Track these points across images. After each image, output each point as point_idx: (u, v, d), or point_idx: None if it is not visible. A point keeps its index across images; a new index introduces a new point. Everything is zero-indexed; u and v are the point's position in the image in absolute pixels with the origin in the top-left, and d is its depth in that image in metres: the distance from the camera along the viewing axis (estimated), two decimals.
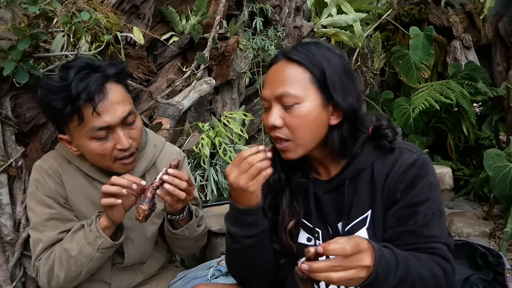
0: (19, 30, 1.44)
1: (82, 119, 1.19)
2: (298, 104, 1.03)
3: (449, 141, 3.91)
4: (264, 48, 2.71)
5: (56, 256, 1.26)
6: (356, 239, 0.88)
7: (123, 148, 1.25)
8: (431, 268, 0.99)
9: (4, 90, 1.58)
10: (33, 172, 1.33)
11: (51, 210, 1.30)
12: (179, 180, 1.19)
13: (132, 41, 2.24)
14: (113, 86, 1.24)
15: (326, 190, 1.14)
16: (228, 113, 2.49)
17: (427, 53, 3.69)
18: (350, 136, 1.08)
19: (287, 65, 1.05)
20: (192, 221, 1.37)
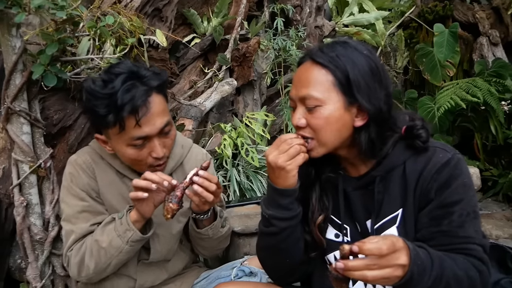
0: (47, 35, 1.48)
1: (123, 128, 1.22)
2: (320, 107, 1.04)
3: (476, 140, 3.81)
4: (285, 49, 2.71)
5: (87, 247, 1.30)
6: (392, 238, 0.88)
7: (157, 157, 1.29)
8: (467, 269, 0.98)
9: (34, 93, 1.63)
10: (68, 166, 1.38)
11: (84, 203, 1.34)
12: (209, 182, 1.21)
13: (155, 44, 2.28)
14: (155, 97, 1.26)
15: (355, 187, 1.14)
16: (250, 114, 2.50)
17: (452, 50, 3.61)
18: (378, 137, 1.07)
19: (312, 66, 1.07)
20: (216, 222, 1.39)
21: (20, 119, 1.58)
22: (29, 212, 1.63)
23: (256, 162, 2.26)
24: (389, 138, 1.09)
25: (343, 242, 1.17)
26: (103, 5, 2.08)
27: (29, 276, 1.60)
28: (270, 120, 2.64)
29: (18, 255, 1.78)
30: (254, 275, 1.46)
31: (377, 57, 1.11)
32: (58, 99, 1.98)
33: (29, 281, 1.61)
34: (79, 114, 2.04)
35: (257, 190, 2.20)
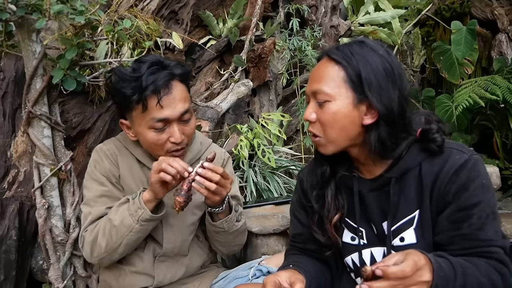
0: (66, 39, 1.50)
1: (146, 108, 1.31)
2: (329, 102, 1.06)
3: (495, 139, 3.74)
4: (301, 49, 2.70)
5: (100, 226, 1.36)
6: (413, 256, 0.88)
7: (175, 142, 1.35)
8: (489, 274, 0.97)
9: (54, 97, 1.66)
10: (93, 154, 1.48)
11: (103, 188, 1.42)
12: (212, 173, 1.25)
13: (171, 46, 2.29)
14: (177, 84, 1.36)
15: (371, 189, 1.14)
16: (266, 115, 2.50)
17: (470, 48, 3.55)
18: (389, 137, 1.06)
19: (326, 63, 1.09)
20: (231, 215, 1.42)
21: (41, 123, 1.61)
22: (51, 214, 1.66)
23: (273, 162, 2.26)
24: (403, 140, 1.08)
25: (359, 244, 1.17)
26: (120, 9, 2.10)
27: (51, 277, 1.63)
28: (286, 121, 2.64)
29: (40, 256, 1.82)
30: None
31: (394, 58, 1.10)
32: (77, 102, 2.01)
33: (51, 282, 1.63)
34: (97, 117, 2.07)
35: (274, 191, 2.20)
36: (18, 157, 1.87)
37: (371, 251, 1.16)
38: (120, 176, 1.44)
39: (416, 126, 1.10)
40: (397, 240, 1.10)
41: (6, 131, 1.92)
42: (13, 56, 1.88)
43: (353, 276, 1.23)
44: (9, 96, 1.93)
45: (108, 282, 1.50)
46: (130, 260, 1.45)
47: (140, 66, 1.34)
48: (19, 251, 1.75)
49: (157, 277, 1.45)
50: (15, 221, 1.74)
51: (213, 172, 1.25)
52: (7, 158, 1.91)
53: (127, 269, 1.45)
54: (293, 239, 1.33)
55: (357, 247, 1.17)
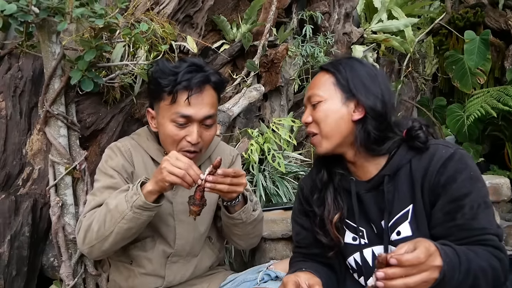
0: (85, 41, 1.54)
1: (175, 101, 1.37)
2: (321, 102, 1.20)
3: (506, 149, 3.72)
4: (313, 55, 2.71)
5: (97, 211, 1.36)
6: (424, 243, 0.90)
7: (191, 142, 1.38)
8: (489, 260, 1.01)
9: (71, 97, 1.69)
10: (107, 150, 1.51)
11: (111, 180, 1.42)
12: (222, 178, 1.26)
13: (185, 50, 2.32)
14: (210, 89, 1.41)
15: (367, 189, 1.22)
16: (277, 120, 2.52)
17: (483, 58, 3.54)
18: (374, 130, 1.16)
19: (320, 74, 1.26)
20: (247, 205, 1.43)
21: (57, 122, 1.64)
22: (64, 212, 1.68)
23: (283, 167, 2.27)
24: (390, 138, 1.19)
25: (360, 244, 1.22)
26: (136, 12, 2.13)
27: (62, 274, 1.65)
28: (296, 126, 2.65)
29: (51, 253, 1.84)
30: (280, 279, 1.47)
31: (380, 71, 1.30)
32: (91, 102, 2.04)
33: (62, 279, 1.66)
34: (111, 118, 2.10)
35: (283, 196, 2.21)
36: (33, 155, 1.90)
37: (372, 250, 1.21)
38: (134, 173, 1.46)
39: (404, 128, 1.20)
40: (394, 235, 1.16)
41: (22, 129, 1.95)
42: (31, 56, 1.92)
43: (356, 277, 1.27)
44: (26, 94, 1.97)
45: (117, 283, 1.52)
46: (139, 262, 1.46)
47: (181, 64, 1.41)
48: (31, 248, 1.78)
49: (167, 278, 1.47)
50: (29, 218, 1.77)
51: (223, 177, 1.26)
52: (22, 155, 1.94)
53: (137, 271, 1.46)
54: (297, 246, 1.38)
55: (359, 247, 1.22)
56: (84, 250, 1.40)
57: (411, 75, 3.73)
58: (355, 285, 1.25)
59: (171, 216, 1.46)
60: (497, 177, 2.62)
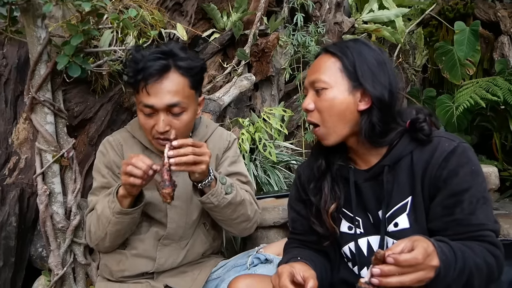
0: (72, 25, 1.50)
1: (137, 91, 1.36)
2: (326, 89, 1.13)
3: (494, 140, 3.75)
4: (304, 44, 2.70)
5: (91, 215, 1.44)
6: (422, 243, 0.90)
7: (158, 131, 1.35)
8: (484, 257, 1.00)
9: (57, 84, 1.65)
10: (100, 146, 1.53)
11: (103, 179, 1.47)
12: (183, 148, 1.24)
13: (175, 38, 2.29)
14: (175, 76, 1.35)
15: (366, 179, 1.19)
16: (268, 109, 2.50)
17: (472, 49, 3.55)
18: (379, 122, 1.11)
19: (324, 56, 1.17)
20: (216, 187, 1.36)
21: (44, 109, 1.61)
22: (52, 200, 1.65)
23: (274, 157, 2.26)
24: (393, 129, 1.15)
25: (356, 234, 1.21)
26: None
27: (51, 263, 1.63)
28: (287, 116, 2.64)
29: (39, 243, 1.81)
30: (270, 261, 1.46)
31: (387, 56, 1.22)
32: (79, 91, 2.01)
33: (51, 269, 1.63)
34: (99, 107, 2.07)
35: (274, 185, 2.20)
36: (19, 144, 1.87)
37: (368, 239, 1.19)
38: None
39: (407, 118, 1.16)
40: (392, 226, 1.14)
41: (7, 117, 1.92)
42: (16, 43, 1.88)
43: (350, 266, 1.25)
44: (11, 83, 1.93)
45: (108, 267, 1.50)
46: (132, 243, 1.47)
47: (150, 51, 1.36)
48: (19, 238, 1.75)
49: (158, 260, 1.46)
50: (15, 208, 1.74)
51: (184, 147, 1.24)
52: (8, 145, 1.90)
53: (128, 253, 1.46)
54: (293, 232, 1.36)
55: (354, 236, 1.21)
56: (94, 247, 1.53)
57: (402, 66, 3.75)
58: (349, 274, 1.24)
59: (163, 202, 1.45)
60: (485, 166, 2.64)
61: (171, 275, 1.49)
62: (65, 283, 1.68)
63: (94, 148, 2.07)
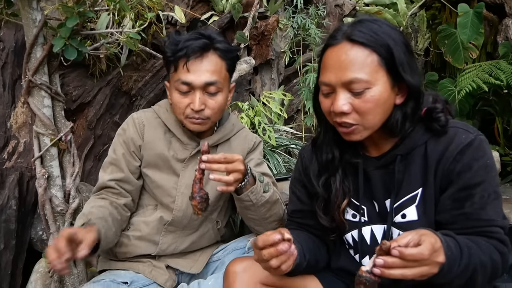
0: (67, 7, 1.48)
1: (176, 69, 1.38)
2: (369, 89, 1.01)
3: (496, 124, 3.72)
4: (304, 27, 2.66)
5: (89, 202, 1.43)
6: (430, 239, 0.88)
7: (193, 109, 1.37)
8: (490, 253, 0.99)
9: (54, 67, 1.64)
10: (123, 123, 1.51)
11: (114, 156, 1.46)
12: (217, 164, 1.21)
13: (173, 21, 2.27)
14: (213, 56, 1.38)
15: (376, 167, 1.14)
16: (268, 93, 2.48)
17: (476, 31, 3.50)
18: (413, 113, 1.06)
19: (351, 47, 1.02)
20: (255, 185, 1.36)
21: (41, 92, 1.60)
22: (51, 184, 1.66)
23: (273, 141, 2.26)
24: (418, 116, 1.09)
25: (360, 222, 1.18)
26: None
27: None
28: (287, 100, 2.62)
29: (39, 226, 1.83)
30: None
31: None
32: (77, 75, 2.00)
33: None
34: (98, 91, 2.06)
35: (273, 168, 2.19)
36: (18, 128, 1.87)
37: (371, 228, 1.17)
38: (142, 146, 1.46)
39: (423, 105, 1.10)
40: (399, 217, 1.11)
41: (5, 102, 1.92)
42: (13, 26, 1.87)
43: (352, 253, 1.23)
44: (9, 66, 1.92)
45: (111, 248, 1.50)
46: (136, 225, 1.47)
47: (191, 33, 1.41)
48: (19, 221, 1.76)
49: (160, 245, 1.46)
50: (15, 191, 1.75)
51: (218, 164, 1.21)
52: (7, 129, 1.91)
53: (131, 236, 1.46)
54: (291, 215, 1.34)
55: (358, 224, 1.18)
56: None
57: None
58: (350, 261, 1.22)
59: (174, 189, 1.45)
60: None
61: (173, 257, 1.50)
62: None
63: (93, 132, 2.07)
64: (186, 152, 1.47)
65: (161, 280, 1.43)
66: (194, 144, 1.48)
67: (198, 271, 1.48)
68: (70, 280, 1.70)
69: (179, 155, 1.47)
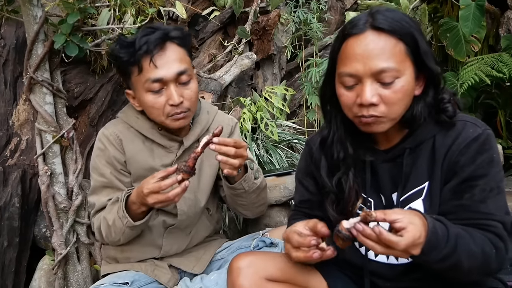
0: (68, 3, 1.47)
1: (141, 69, 1.30)
2: (398, 79, 0.99)
3: (499, 117, 3.71)
4: (306, 22, 2.65)
5: (101, 221, 1.39)
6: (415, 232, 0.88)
7: (174, 104, 1.31)
8: (483, 245, 0.98)
9: (55, 63, 1.64)
10: (96, 141, 1.46)
11: (103, 179, 1.40)
12: (226, 147, 1.20)
13: (174, 16, 2.26)
14: (173, 46, 1.34)
15: (384, 160, 1.14)
16: (270, 88, 2.48)
17: (478, 24, 3.48)
18: (433, 103, 1.05)
19: (379, 36, 0.99)
20: (248, 173, 1.38)
21: (42, 89, 1.59)
22: (53, 181, 1.66)
23: (276, 136, 2.25)
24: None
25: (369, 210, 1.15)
26: None
27: (54, 243, 1.64)
28: (289, 95, 2.61)
29: (43, 224, 1.83)
30: (275, 245, 1.48)
31: None
32: (79, 72, 1.99)
33: (55, 248, 1.65)
34: (99, 87, 2.05)
35: (276, 164, 2.19)
36: (20, 125, 1.87)
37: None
38: (127, 161, 1.41)
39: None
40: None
41: (7, 99, 1.91)
42: (13, 23, 1.86)
43: (357, 245, 1.22)
44: (10, 64, 1.91)
45: (112, 255, 1.51)
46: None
47: (137, 33, 1.35)
48: (22, 219, 1.76)
49: (164, 248, 1.46)
50: (18, 189, 1.75)
51: (226, 146, 1.20)
52: (9, 126, 1.90)
53: (134, 242, 1.45)
54: (299, 205, 1.31)
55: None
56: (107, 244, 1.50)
57: None
58: (355, 254, 1.20)
59: None
60: None
61: (176, 256, 1.51)
62: (69, 262, 1.69)
63: (95, 129, 2.07)
64: (171, 155, 1.44)
65: (163, 279, 1.43)
66: (177, 144, 1.44)
67: (201, 271, 1.48)
68: (74, 277, 1.70)
69: (165, 160, 1.43)
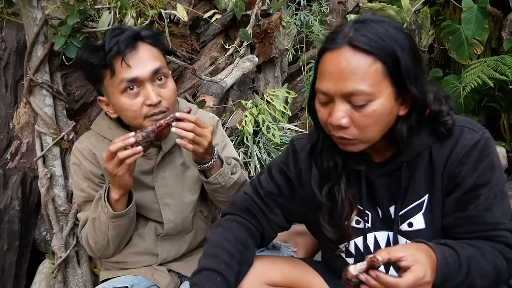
0: (68, 5, 1.47)
1: (113, 71, 1.25)
2: (371, 102, 0.92)
3: (502, 120, 3.70)
4: (307, 24, 2.65)
5: (87, 228, 1.37)
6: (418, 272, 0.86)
7: (152, 103, 1.27)
8: (494, 261, 0.96)
9: (55, 65, 1.63)
10: (71, 157, 1.44)
11: (84, 194, 1.39)
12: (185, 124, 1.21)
13: (175, 19, 2.25)
14: (145, 45, 1.30)
15: (380, 174, 1.08)
16: (271, 91, 2.47)
17: (480, 27, 3.47)
18: (417, 124, 0.99)
19: (353, 54, 0.91)
20: (223, 168, 1.36)
21: (42, 91, 1.59)
22: (53, 183, 1.65)
23: (277, 139, 2.24)
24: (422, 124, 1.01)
25: (364, 228, 1.13)
26: None
27: (54, 246, 1.63)
28: (291, 98, 2.60)
29: (43, 227, 1.81)
30: (277, 249, 1.46)
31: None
32: (80, 75, 1.99)
33: (54, 251, 1.64)
34: None
35: None
36: (20, 128, 1.86)
37: (375, 235, 1.12)
38: (104, 174, 1.37)
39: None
40: (405, 225, 1.07)
41: (8, 102, 1.90)
42: (14, 26, 1.86)
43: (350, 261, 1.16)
44: (11, 66, 1.91)
45: (110, 264, 1.49)
46: (132, 241, 1.44)
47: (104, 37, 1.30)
48: (22, 222, 1.75)
49: (160, 255, 1.45)
50: (18, 192, 1.74)
51: (186, 122, 1.21)
52: (10, 129, 1.89)
53: (129, 253, 1.44)
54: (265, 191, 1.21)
55: (363, 231, 1.13)
56: (99, 257, 1.50)
57: None
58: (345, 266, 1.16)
59: (156, 203, 1.42)
60: None
61: (175, 261, 1.49)
62: (69, 265, 1.68)
63: None
64: (151, 161, 1.40)
65: (163, 283, 1.41)
66: (155, 150, 1.41)
67: None
68: (74, 280, 1.69)
69: (144, 167, 1.39)
